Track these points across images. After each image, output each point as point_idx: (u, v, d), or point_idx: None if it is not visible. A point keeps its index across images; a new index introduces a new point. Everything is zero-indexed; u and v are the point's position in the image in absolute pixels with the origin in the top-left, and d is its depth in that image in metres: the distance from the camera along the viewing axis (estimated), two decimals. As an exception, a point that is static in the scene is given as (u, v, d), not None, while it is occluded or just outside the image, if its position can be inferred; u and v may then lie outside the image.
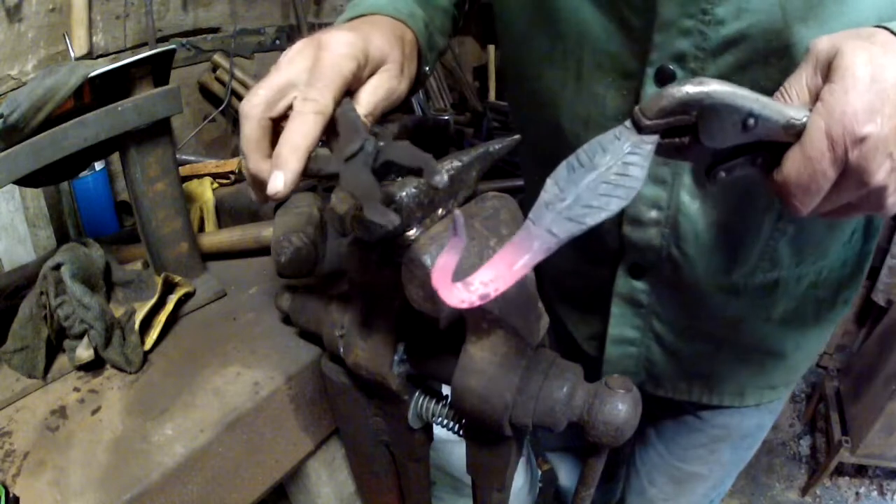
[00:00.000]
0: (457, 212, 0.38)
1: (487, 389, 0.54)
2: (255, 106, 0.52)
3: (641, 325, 0.78)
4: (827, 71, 0.40)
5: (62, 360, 0.74)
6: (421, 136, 1.82)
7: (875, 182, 0.40)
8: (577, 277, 0.84)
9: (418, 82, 0.67)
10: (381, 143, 0.46)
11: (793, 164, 0.41)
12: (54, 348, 0.74)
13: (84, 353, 0.70)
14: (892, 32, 0.41)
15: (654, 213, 0.67)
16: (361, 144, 0.45)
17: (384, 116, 0.58)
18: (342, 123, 0.50)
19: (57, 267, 0.70)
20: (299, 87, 0.52)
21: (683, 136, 0.41)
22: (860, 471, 2.12)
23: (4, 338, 0.71)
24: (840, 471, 2.10)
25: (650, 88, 0.59)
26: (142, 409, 0.67)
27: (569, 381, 0.54)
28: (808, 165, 0.40)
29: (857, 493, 2.09)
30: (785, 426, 2.35)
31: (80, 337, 0.71)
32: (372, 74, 0.56)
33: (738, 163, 0.43)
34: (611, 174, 0.39)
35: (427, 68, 0.69)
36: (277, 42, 1.66)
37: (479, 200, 0.55)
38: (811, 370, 2.50)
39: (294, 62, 0.53)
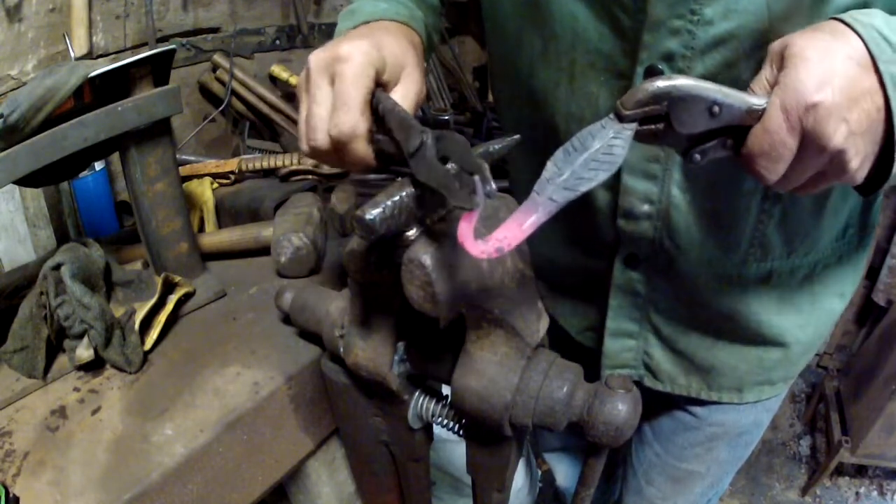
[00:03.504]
0: (476, 178, 0.42)
1: (487, 389, 0.54)
2: (323, 144, 0.55)
3: (639, 316, 0.79)
4: (781, 62, 0.46)
5: (62, 360, 0.74)
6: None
7: (833, 146, 0.44)
8: (573, 269, 0.84)
9: None
10: (439, 136, 0.47)
11: (755, 138, 0.46)
12: (54, 348, 0.74)
13: (84, 353, 0.70)
14: (841, 21, 0.46)
15: (646, 207, 0.68)
16: (421, 140, 0.47)
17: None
18: (393, 121, 0.52)
19: (57, 267, 0.70)
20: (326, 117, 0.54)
21: (658, 123, 0.48)
22: (860, 471, 2.12)
23: (4, 338, 0.71)
24: (840, 471, 2.10)
25: None
26: (142, 409, 0.67)
27: (569, 381, 0.54)
28: (767, 137, 0.45)
29: (857, 493, 2.09)
30: (785, 426, 2.35)
31: (80, 337, 0.71)
32: (392, 78, 0.57)
33: (711, 146, 0.49)
34: (599, 154, 0.47)
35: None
36: (277, 42, 1.66)
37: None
38: (811, 370, 2.50)
39: (315, 92, 0.55)
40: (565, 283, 0.88)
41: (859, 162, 0.46)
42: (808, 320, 0.79)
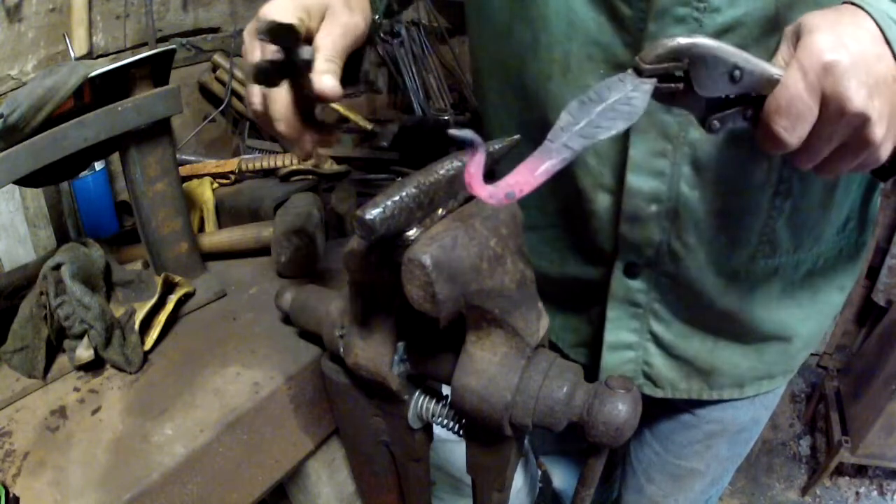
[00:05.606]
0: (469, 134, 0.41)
1: (487, 389, 0.54)
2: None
3: (639, 327, 0.77)
4: (797, 39, 0.47)
5: (62, 360, 0.74)
6: (421, 136, 1.82)
7: (854, 107, 0.44)
8: (565, 281, 0.81)
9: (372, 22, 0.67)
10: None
11: (772, 97, 0.46)
12: (54, 348, 0.74)
13: (84, 353, 0.70)
14: (851, 4, 0.47)
15: (654, 208, 0.66)
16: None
17: (354, 52, 0.60)
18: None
19: (57, 267, 0.70)
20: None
21: (678, 83, 0.48)
22: (860, 471, 2.12)
23: (4, 338, 0.71)
24: (840, 471, 2.10)
25: None
26: (142, 409, 0.67)
27: (569, 381, 0.54)
28: (784, 92, 0.45)
29: (857, 493, 2.10)
30: (785, 426, 2.35)
31: (80, 337, 0.71)
32: (314, 24, 0.57)
33: (731, 113, 0.49)
34: (617, 104, 0.45)
35: (377, 17, 0.69)
36: (277, 42, 1.66)
37: (479, 200, 0.55)
38: (811, 370, 2.50)
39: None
40: (556, 297, 0.84)
41: (883, 130, 0.46)
42: (809, 314, 0.78)
